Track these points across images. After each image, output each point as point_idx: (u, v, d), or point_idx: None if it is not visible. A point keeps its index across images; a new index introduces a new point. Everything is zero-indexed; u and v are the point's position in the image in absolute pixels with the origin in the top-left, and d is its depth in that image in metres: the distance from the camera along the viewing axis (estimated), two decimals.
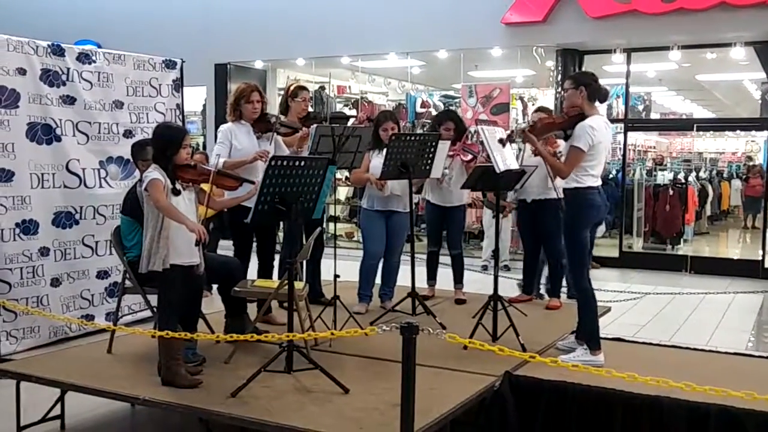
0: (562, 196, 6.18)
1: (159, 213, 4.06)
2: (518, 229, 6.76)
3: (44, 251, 6.10)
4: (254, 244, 5.61)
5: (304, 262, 5.85)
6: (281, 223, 5.37)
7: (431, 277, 6.55)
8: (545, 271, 6.70)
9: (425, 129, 11.48)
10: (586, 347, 4.58)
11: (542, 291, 6.83)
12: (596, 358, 4.49)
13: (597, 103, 4.70)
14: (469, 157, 6.25)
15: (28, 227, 5.98)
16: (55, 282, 6.18)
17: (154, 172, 4.06)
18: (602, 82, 4.76)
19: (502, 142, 4.98)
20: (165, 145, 4.15)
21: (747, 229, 15.09)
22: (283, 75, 13.19)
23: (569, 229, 4.63)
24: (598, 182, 4.64)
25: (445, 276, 6.51)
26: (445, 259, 6.49)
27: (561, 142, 5.84)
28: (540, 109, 6.72)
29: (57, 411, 4.44)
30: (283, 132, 5.57)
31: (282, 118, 5.68)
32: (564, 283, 6.38)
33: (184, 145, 4.21)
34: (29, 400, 4.39)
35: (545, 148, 5.00)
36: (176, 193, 4.12)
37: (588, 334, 4.61)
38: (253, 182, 4.43)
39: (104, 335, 5.08)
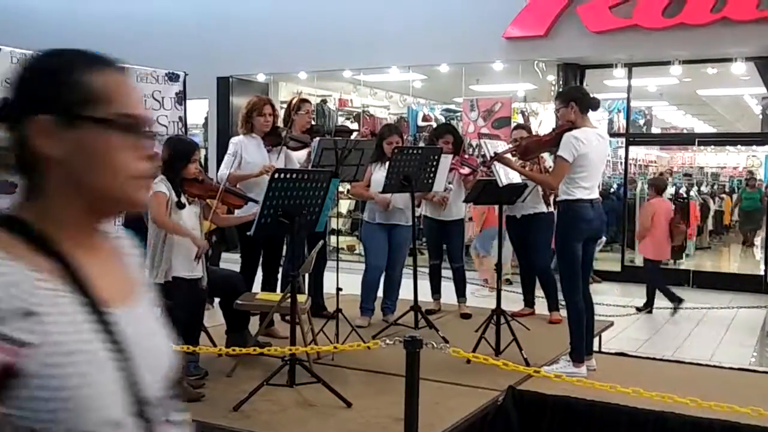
0: (553, 210, 6.24)
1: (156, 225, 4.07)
2: (511, 245, 6.76)
3: None
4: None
5: (307, 275, 5.85)
6: (286, 237, 5.39)
7: (436, 290, 6.55)
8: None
9: (425, 142, 11.50)
10: (569, 359, 4.60)
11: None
12: (578, 370, 4.53)
13: (591, 114, 4.73)
14: (468, 170, 6.26)
15: None
16: None
17: (159, 184, 4.06)
18: (603, 96, 4.80)
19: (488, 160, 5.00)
20: (174, 158, 4.16)
21: (747, 245, 15.09)
22: (286, 88, 13.23)
23: (560, 241, 4.65)
24: (591, 195, 4.59)
25: (449, 289, 6.50)
26: (448, 272, 6.49)
27: (546, 157, 5.87)
28: (519, 127, 6.74)
29: None
30: (292, 146, 5.61)
31: (292, 132, 5.71)
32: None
33: (193, 159, 4.23)
34: None
35: (528, 168, 5.05)
36: (181, 206, 4.12)
37: (572, 346, 4.63)
38: (258, 202, 4.43)
39: None
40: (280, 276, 5.72)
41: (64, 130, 1.02)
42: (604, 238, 8.90)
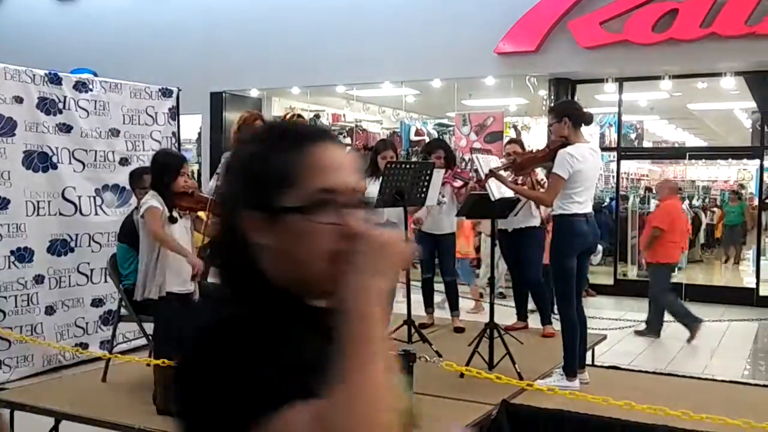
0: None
1: (155, 241, 4.08)
2: (503, 259, 6.76)
3: (39, 279, 6.08)
4: None
5: None
6: None
7: (428, 304, 6.55)
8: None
9: (420, 157, 11.54)
10: (562, 372, 4.62)
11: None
12: (571, 383, 4.54)
13: (584, 128, 4.77)
14: (460, 183, 6.29)
15: (23, 255, 5.96)
16: (50, 310, 6.15)
17: (152, 200, 4.08)
18: (594, 110, 4.82)
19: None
20: (162, 172, 4.19)
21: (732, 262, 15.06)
22: (279, 104, 13.27)
23: (555, 256, 4.66)
24: (586, 209, 4.64)
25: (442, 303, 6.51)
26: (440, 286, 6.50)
27: (537, 170, 5.90)
28: (512, 141, 6.78)
29: None
30: None
31: None
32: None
33: (182, 173, 4.25)
34: (23, 430, 4.35)
35: (519, 184, 5.10)
36: (173, 220, 4.14)
37: (565, 360, 4.65)
38: None
39: (99, 364, 5.05)
40: None
41: None
42: (600, 248, 8.92)
